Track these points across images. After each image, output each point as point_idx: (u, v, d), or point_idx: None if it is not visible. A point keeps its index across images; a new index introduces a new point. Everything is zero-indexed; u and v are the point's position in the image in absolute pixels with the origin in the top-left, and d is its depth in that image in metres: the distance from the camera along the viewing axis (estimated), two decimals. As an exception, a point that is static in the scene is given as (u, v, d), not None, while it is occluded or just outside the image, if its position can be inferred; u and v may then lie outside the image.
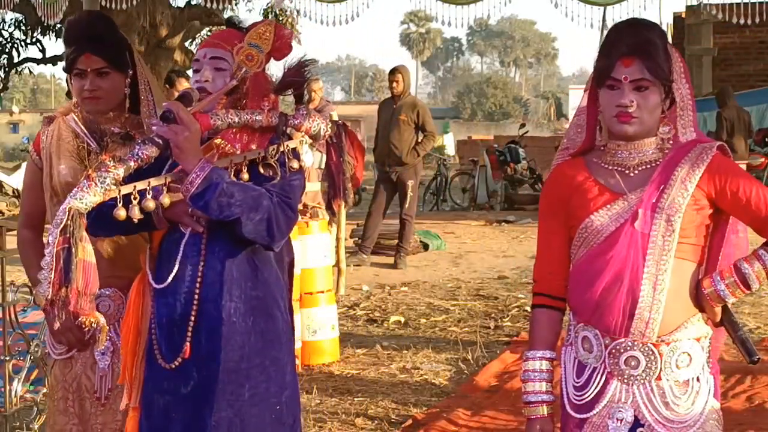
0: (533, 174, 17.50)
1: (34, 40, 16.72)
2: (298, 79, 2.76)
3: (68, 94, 15.11)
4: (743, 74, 17.44)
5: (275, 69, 2.85)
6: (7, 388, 4.35)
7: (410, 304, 8.23)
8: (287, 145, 2.67)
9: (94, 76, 3.09)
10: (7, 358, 4.35)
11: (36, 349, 4.46)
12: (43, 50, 17.02)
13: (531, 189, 17.26)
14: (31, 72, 18.64)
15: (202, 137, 2.61)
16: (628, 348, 2.41)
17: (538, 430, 2.50)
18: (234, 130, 2.68)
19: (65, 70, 3.16)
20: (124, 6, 5.02)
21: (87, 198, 2.43)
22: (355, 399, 5.40)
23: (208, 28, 16.53)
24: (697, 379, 2.43)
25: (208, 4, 4.98)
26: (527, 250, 11.13)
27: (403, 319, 7.60)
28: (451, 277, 9.58)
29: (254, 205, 2.56)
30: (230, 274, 2.67)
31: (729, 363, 5.38)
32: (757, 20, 4.20)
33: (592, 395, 2.45)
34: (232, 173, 2.63)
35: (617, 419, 2.41)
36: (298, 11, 5.12)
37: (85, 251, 2.43)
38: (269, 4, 16.95)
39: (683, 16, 17.39)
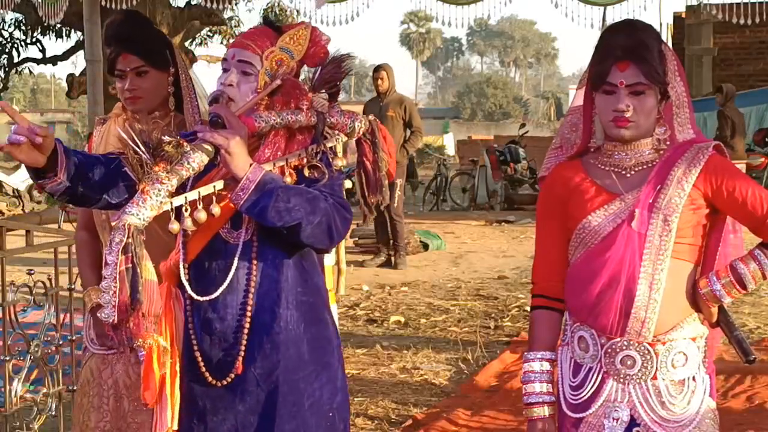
0: (533, 174, 17.50)
1: (34, 40, 16.74)
2: (335, 75, 2.62)
3: (68, 94, 15.17)
4: (743, 74, 17.45)
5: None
6: (7, 388, 4.35)
7: (410, 304, 8.23)
8: (325, 145, 2.57)
9: (133, 75, 3.08)
10: (7, 358, 4.35)
11: (36, 349, 4.46)
12: (43, 50, 17.05)
13: (531, 189, 17.25)
14: (31, 72, 18.67)
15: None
16: (624, 347, 2.41)
17: (539, 431, 2.50)
18: (272, 136, 2.55)
19: (109, 73, 3.16)
20: (124, 6, 5.02)
21: (143, 213, 2.30)
22: (355, 399, 5.40)
23: (208, 28, 16.56)
24: (693, 379, 2.43)
25: (208, 4, 4.99)
26: (527, 250, 11.13)
27: (403, 319, 7.60)
28: (451, 277, 9.58)
29: (312, 209, 2.44)
30: (285, 281, 2.55)
31: (729, 363, 5.38)
32: (757, 20, 4.20)
33: (588, 395, 2.45)
34: None
35: (613, 418, 2.42)
36: (297, 11, 5.13)
37: (149, 270, 2.32)
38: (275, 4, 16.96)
39: (683, 16, 17.41)
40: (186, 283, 2.55)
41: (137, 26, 3.14)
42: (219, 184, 2.44)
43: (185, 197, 2.38)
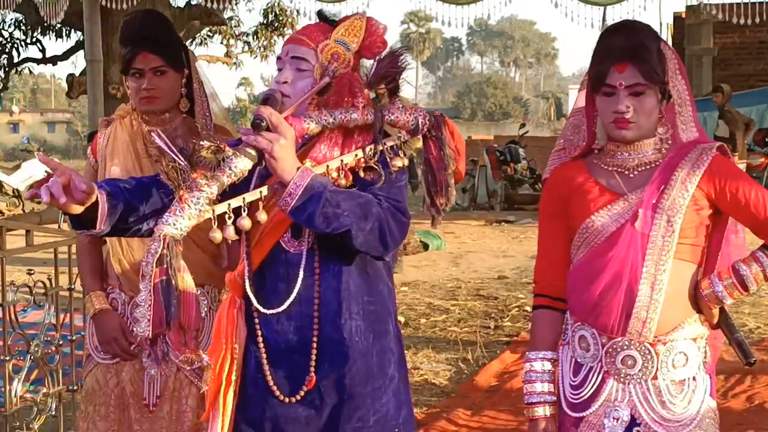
0: (533, 174, 17.51)
1: (34, 40, 16.75)
2: (392, 70, 2.46)
3: (68, 94, 15.16)
4: (743, 74, 17.46)
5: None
6: (7, 388, 4.35)
7: (410, 304, 8.23)
8: (385, 144, 2.42)
9: (152, 75, 3.04)
10: (7, 358, 4.35)
11: (36, 349, 4.46)
12: (43, 50, 17.05)
13: (531, 189, 17.27)
14: (31, 72, 18.67)
15: (296, 143, 2.33)
16: (625, 347, 2.41)
17: (541, 431, 2.50)
18: (327, 137, 2.41)
19: (122, 71, 3.11)
20: (124, 6, 5.02)
21: (181, 222, 2.18)
22: (355, 399, 5.39)
23: (208, 28, 16.56)
24: (693, 379, 2.43)
25: (208, 4, 4.98)
26: (527, 250, 11.13)
27: (403, 319, 7.60)
28: (451, 277, 9.59)
29: (364, 214, 2.30)
30: (348, 290, 2.43)
31: (729, 363, 5.36)
32: (757, 20, 4.19)
33: (589, 394, 2.45)
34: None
35: (613, 418, 2.42)
36: (298, 11, 5.12)
37: (185, 282, 2.18)
38: (267, 3, 16.97)
39: (683, 16, 17.42)
40: (252, 295, 2.45)
41: (158, 25, 3.11)
42: (265, 190, 2.32)
43: (228, 204, 2.25)
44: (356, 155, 2.40)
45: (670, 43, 16.57)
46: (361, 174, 2.39)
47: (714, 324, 2.47)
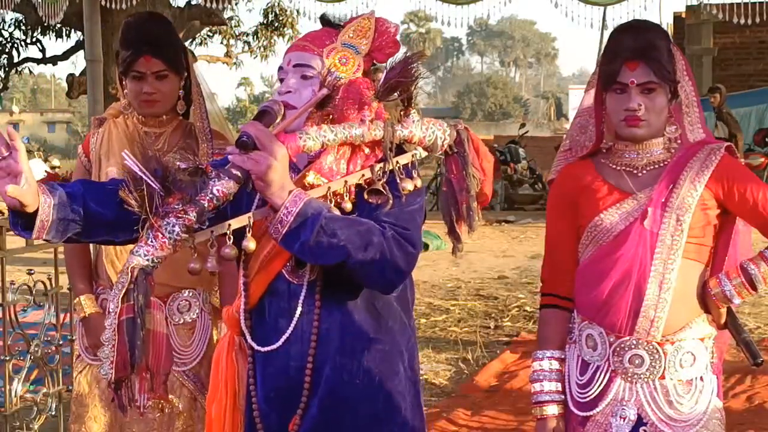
0: (533, 174, 17.51)
1: (34, 40, 16.75)
2: (403, 79, 2.21)
3: (68, 94, 15.14)
4: (743, 74, 17.46)
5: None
6: (7, 388, 4.35)
7: (410, 304, 8.23)
8: (397, 162, 2.16)
9: (153, 78, 3.03)
10: (7, 358, 4.35)
11: (36, 349, 4.46)
12: (43, 50, 17.05)
13: (531, 189, 17.26)
14: (31, 72, 18.68)
15: (291, 162, 2.11)
16: (633, 346, 2.40)
17: (549, 430, 2.50)
18: (333, 148, 2.17)
19: (122, 72, 3.08)
20: (124, 6, 5.01)
21: (153, 253, 1.97)
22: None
23: (208, 28, 16.56)
24: (701, 379, 2.43)
25: (208, 4, 4.98)
26: (527, 250, 11.13)
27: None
28: (451, 277, 9.59)
29: (362, 244, 2.05)
30: (351, 326, 2.18)
31: (729, 363, 5.38)
32: (757, 20, 4.19)
33: (596, 393, 2.44)
34: (332, 204, 2.12)
35: (620, 417, 2.41)
36: (298, 11, 5.12)
37: (155, 320, 1.97)
38: (268, 4, 16.97)
39: (683, 16, 17.42)
40: (246, 331, 2.24)
41: (161, 29, 3.10)
42: (254, 216, 2.10)
43: (211, 231, 2.03)
44: (363, 174, 2.15)
45: (670, 43, 16.56)
46: (365, 197, 2.15)
47: (721, 324, 2.47)
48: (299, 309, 2.17)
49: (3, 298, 4.09)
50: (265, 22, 17.34)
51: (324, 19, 2.32)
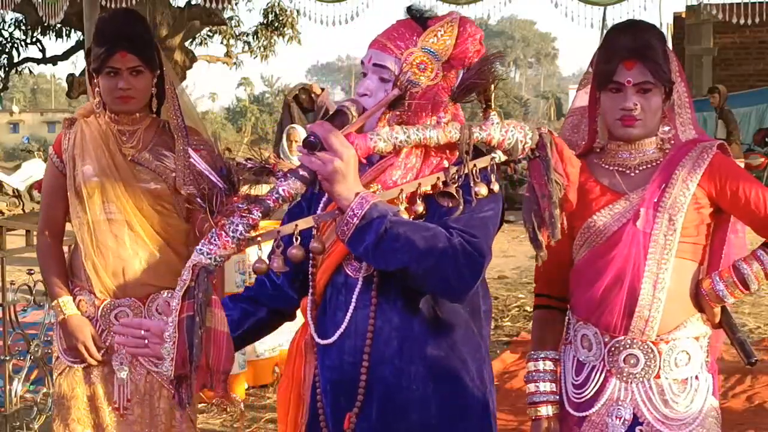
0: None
1: (34, 40, 16.76)
2: (479, 80, 2.15)
3: (68, 94, 15.15)
4: (743, 74, 17.46)
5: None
6: (7, 388, 4.35)
7: (410, 304, 8.22)
8: (474, 165, 2.09)
9: (128, 74, 3.01)
10: (7, 358, 4.35)
11: (36, 349, 4.46)
12: (43, 50, 17.06)
13: (531, 189, 17.23)
14: (31, 72, 18.69)
15: (360, 163, 2.05)
16: (628, 346, 2.41)
17: (544, 430, 2.50)
18: (405, 155, 2.12)
19: (95, 69, 3.05)
20: (124, 6, 5.01)
21: (215, 252, 1.95)
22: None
23: (208, 28, 16.56)
24: (696, 378, 2.43)
25: (208, 4, 4.98)
26: (527, 250, 11.10)
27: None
28: (451, 277, 9.57)
29: (425, 250, 1.99)
30: (409, 329, 2.12)
31: (729, 363, 5.37)
32: (757, 20, 4.19)
33: (591, 393, 2.45)
34: (403, 208, 2.07)
35: (616, 417, 2.42)
36: (298, 11, 5.11)
37: (216, 318, 1.95)
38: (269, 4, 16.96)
39: (683, 16, 17.42)
40: (311, 322, 2.23)
41: (138, 25, 3.09)
42: (321, 217, 2.09)
43: (278, 231, 2.01)
44: (437, 177, 2.09)
45: (670, 43, 16.56)
46: (437, 199, 2.09)
47: (716, 323, 2.47)
48: (353, 303, 2.14)
49: (3, 298, 4.10)
50: (265, 22, 17.34)
51: (410, 13, 2.21)
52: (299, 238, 2.00)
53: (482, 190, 2.08)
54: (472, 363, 2.20)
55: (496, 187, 2.11)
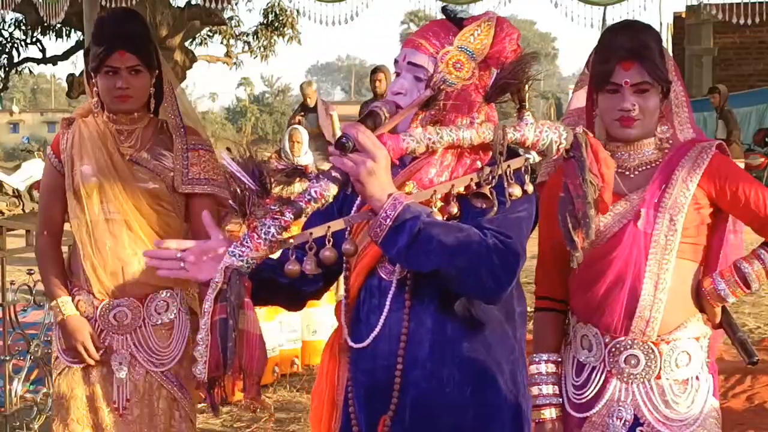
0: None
1: (34, 40, 16.74)
2: (513, 80, 2.14)
3: (68, 94, 15.16)
4: (743, 74, 17.46)
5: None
6: (7, 388, 4.36)
7: (410, 304, 8.21)
8: (508, 166, 2.07)
9: (128, 74, 3.01)
10: (7, 358, 4.35)
11: (36, 349, 4.46)
12: (43, 50, 17.04)
13: (531, 189, 17.24)
14: (31, 72, 18.66)
15: (393, 164, 2.04)
16: (628, 347, 2.41)
17: None
18: (440, 156, 2.11)
19: (93, 68, 3.05)
20: (124, 6, 5.01)
21: (248, 254, 1.95)
22: (355, 399, 5.36)
23: (208, 28, 16.56)
24: (697, 378, 2.43)
25: (208, 4, 4.98)
26: (528, 250, 11.10)
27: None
28: (451, 277, 9.56)
29: (458, 251, 1.97)
30: (443, 332, 2.11)
31: (729, 363, 5.39)
32: (757, 20, 4.19)
33: (592, 394, 2.45)
34: (437, 209, 2.05)
35: (617, 418, 2.41)
36: (297, 11, 5.11)
37: (248, 320, 1.94)
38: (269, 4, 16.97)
39: (683, 16, 17.43)
40: (345, 326, 2.22)
41: (137, 24, 3.09)
42: (354, 219, 2.09)
43: (310, 233, 2.00)
44: (471, 178, 2.08)
45: (670, 43, 16.58)
46: (471, 200, 2.07)
47: (716, 323, 2.47)
48: (387, 306, 2.13)
49: (3, 298, 4.10)
50: (265, 22, 17.32)
51: (446, 13, 2.21)
52: (332, 239, 1.99)
53: (516, 191, 2.06)
54: (506, 365, 2.18)
55: (529, 188, 2.10)
